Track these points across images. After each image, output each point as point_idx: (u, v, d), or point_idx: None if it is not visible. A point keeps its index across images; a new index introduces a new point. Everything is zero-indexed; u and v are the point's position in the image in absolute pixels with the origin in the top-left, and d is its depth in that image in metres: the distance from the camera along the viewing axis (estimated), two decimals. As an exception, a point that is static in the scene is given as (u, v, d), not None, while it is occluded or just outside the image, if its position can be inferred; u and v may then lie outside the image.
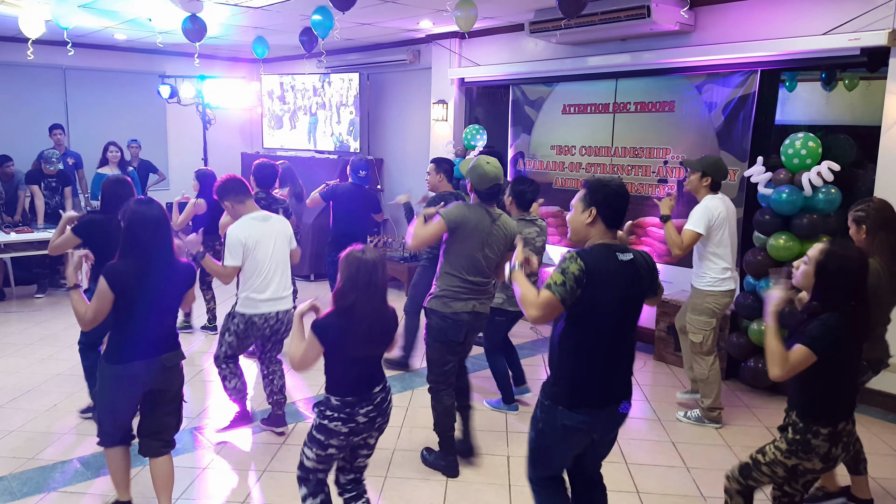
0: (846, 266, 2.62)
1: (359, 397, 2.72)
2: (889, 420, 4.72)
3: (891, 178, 4.68)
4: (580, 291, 2.47)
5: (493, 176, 3.60)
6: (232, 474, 3.85)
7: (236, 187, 4.13)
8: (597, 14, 5.58)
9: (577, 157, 6.74)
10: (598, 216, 2.57)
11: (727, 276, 4.45)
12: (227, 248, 3.97)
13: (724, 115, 5.57)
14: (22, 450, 4.04)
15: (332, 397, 2.73)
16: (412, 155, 8.80)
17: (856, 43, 4.63)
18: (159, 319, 3.05)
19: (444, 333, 3.68)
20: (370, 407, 2.74)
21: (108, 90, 9.78)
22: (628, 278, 2.57)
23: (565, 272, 2.47)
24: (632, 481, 3.82)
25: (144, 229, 2.96)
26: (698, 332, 4.50)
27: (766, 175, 4.81)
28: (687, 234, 4.38)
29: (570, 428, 2.61)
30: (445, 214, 3.58)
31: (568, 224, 2.69)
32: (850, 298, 2.61)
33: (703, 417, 4.58)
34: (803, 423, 2.69)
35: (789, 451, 2.71)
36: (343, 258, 2.69)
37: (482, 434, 4.36)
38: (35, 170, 7.76)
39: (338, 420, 2.70)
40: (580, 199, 2.62)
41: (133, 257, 2.95)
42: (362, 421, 2.73)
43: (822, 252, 2.66)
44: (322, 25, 5.67)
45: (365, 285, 2.64)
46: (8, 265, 7.53)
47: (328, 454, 2.77)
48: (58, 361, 5.55)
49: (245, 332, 4.09)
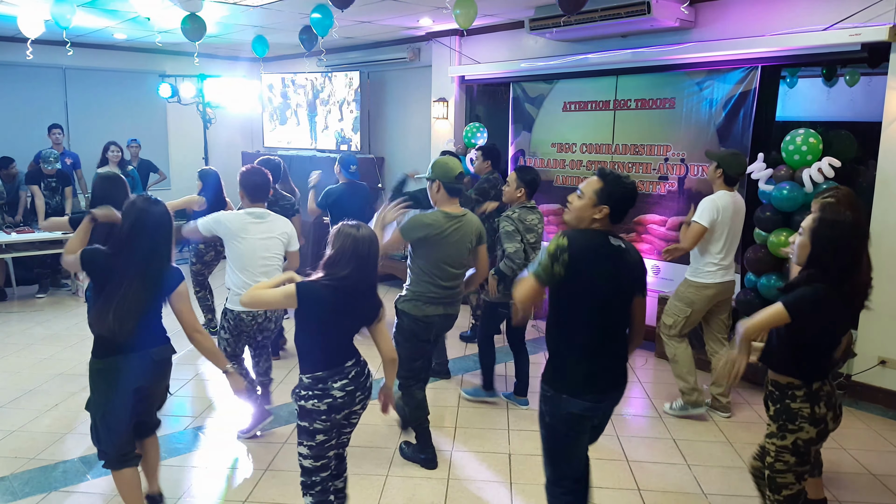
0: (838, 229, 2.59)
1: (330, 371, 2.71)
2: (889, 417, 4.71)
3: (891, 174, 4.67)
4: (560, 269, 2.48)
5: (457, 166, 3.78)
6: (232, 474, 3.86)
7: (255, 186, 4.13)
8: (597, 11, 5.57)
9: (577, 155, 6.73)
10: (606, 215, 2.59)
11: (714, 270, 4.46)
12: (208, 216, 4.07)
13: (724, 111, 5.56)
14: (23, 450, 4.04)
15: (303, 376, 2.74)
16: (413, 153, 8.79)
17: (856, 38, 4.61)
18: (140, 315, 2.90)
19: (414, 334, 3.80)
20: (345, 381, 2.73)
21: (108, 90, 9.78)
22: (615, 261, 2.57)
23: (544, 251, 2.51)
24: (633, 478, 3.81)
25: (141, 225, 2.89)
26: (671, 315, 4.61)
27: (767, 171, 4.80)
28: (693, 227, 4.41)
29: (576, 415, 2.63)
30: (403, 232, 3.69)
31: (571, 209, 2.66)
32: (843, 266, 2.57)
33: (686, 403, 4.60)
34: (779, 390, 2.70)
35: (779, 427, 2.71)
36: (335, 231, 2.70)
37: (483, 431, 4.36)
38: (35, 170, 7.76)
39: (313, 398, 2.69)
40: (595, 192, 2.60)
41: (117, 248, 2.89)
42: (339, 395, 2.71)
43: (815, 219, 2.65)
44: (321, 24, 5.66)
45: (358, 258, 2.65)
46: (9, 265, 7.54)
47: (318, 443, 2.75)
48: (59, 361, 5.55)
49: (236, 328, 4.07)
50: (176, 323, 3.06)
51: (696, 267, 4.54)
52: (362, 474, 3.77)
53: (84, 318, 4.31)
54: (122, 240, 2.90)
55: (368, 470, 3.82)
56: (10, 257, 7.28)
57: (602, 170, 2.67)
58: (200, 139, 9.26)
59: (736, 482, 3.74)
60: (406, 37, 8.25)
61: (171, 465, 3.87)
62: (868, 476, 3.88)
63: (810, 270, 2.63)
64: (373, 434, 4.26)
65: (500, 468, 3.91)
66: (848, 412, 4.67)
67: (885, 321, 4.67)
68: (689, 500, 3.62)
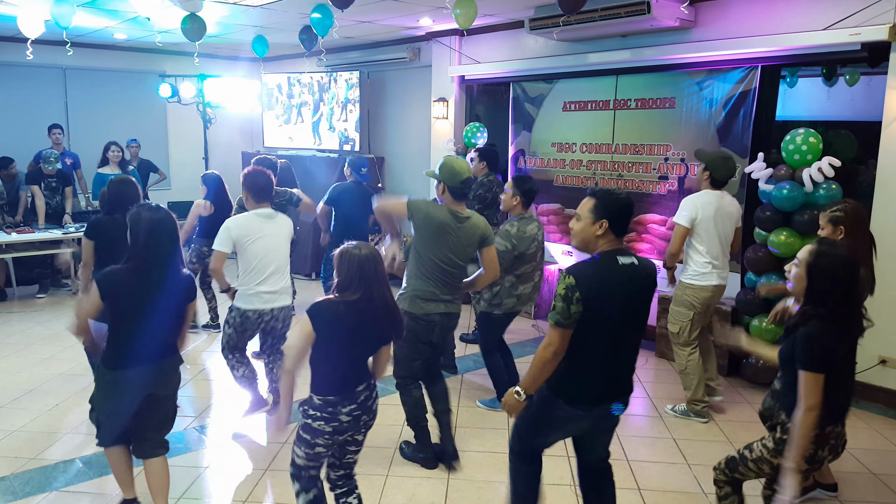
0: (836, 265, 2.59)
1: (341, 396, 2.72)
2: (890, 416, 4.71)
3: (891, 174, 4.67)
4: (577, 308, 2.49)
5: (464, 171, 3.72)
6: (233, 474, 3.86)
7: (260, 188, 4.14)
8: (597, 10, 5.57)
9: (577, 155, 6.73)
10: (608, 228, 2.59)
11: (708, 271, 4.45)
12: (218, 233, 4.03)
13: (724, 111, 5.56)
14: (24, 449, 4.05)
15: (314, 396, 2.74)
16: (413, 153, 8.79)
17: (856, 38, 4.62)
18: (157, 327, 3.00)
19: (414, 334, 3.74)
20: (353, 406, 2.74)
21: (108, 90, 9.78)
22: (628, 281, 2.57)
23: (557, 295, 2.52)
24: (633, 478, 3.82)
25: (154, 236, 2.94)
26: (675, 322, 4.58)
27: (767, 171, 4.80)
28: (675, 228, 4.46)
29: (564, 418, 2.70)
30: (411, 202, 3.67)
31: (574, 234, 2.68)
32: (841, 300, 2.56)
33: (689, 411, 4.60)
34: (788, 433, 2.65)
35: (776, 450, 2.70)
36: (338, 255, 2.70)
37: (482, 431, 4.36)
38: (35, 170, 7.77)
39: (321, 420, 2.71)
40: (590, 210, 2.60)
41: (136, 263, 2.94)
42: (346, 420, 2.73)
43: (812, 253, 2.63)
44: (321, 23, 5.66)
45: (367, 280, 2.66)
46: (9, 265, 7.54)
47: (316, 452, 2.79)
48: (59, 361, 5.56)
49: (241, 325, 4.14)
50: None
51: (690, 269, 4.52)
52: (362, 474, 3.75)
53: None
54: (139, 252, 2.94)
55: (368, 470, 3.82)
56: (11, 257, 7.29)
57: (591, 189, 2.69)
58: (200, 139, 9.26)
59: (736, 482, 3.74)
60: (406, 37, 8.25)
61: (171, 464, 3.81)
62: (868, 475, 3.89)
63: (806, 307, 2.62)
64: (373, 434, 4.24)
65: (500, 468, 3.90)
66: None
67: (885, 321, 4.67)
68: (690, 499, 3.62)
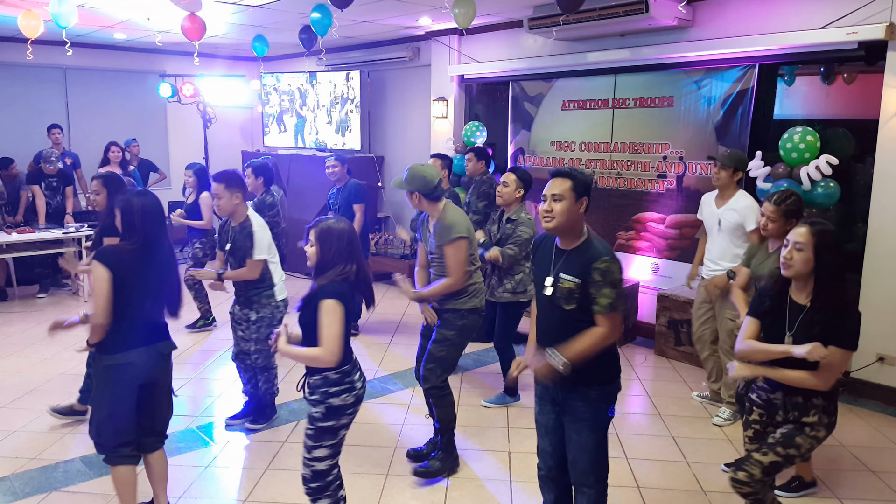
0: (836, 240, 2.69)
1: (351, 363, 2.78)
2: (889, 413, 4.72)
3: (889, 171, 4.67)
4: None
5: (435, 175, 3.70)
6: (233, 473, 3.87)
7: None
8: (595, 10, 5.58)
9: (576, 153, 6.74)
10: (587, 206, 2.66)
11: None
12: (257, 242, 4.06)
13: (722, 109, 5.57)
14: (24, 449, 4.06)
15: (328, 374, 2.70)
16: (412, 152, 8.78)
17: (853, 37, 4.63)
18: (156, 307, 3.11)
19: (471, 329, 3.77)
20: (359, 371, 2.82)
21: (108, 90, 9.79)
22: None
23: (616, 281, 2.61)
24: (632, 476, 3.83)
25: (147, 218, 3.03)
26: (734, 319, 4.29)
27: (765, 169, 4.81)
28: (751, 236, 4.24)
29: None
30: (467, 232, 3.64)
31: (557, 213, 2.58)
32: (843, 270, 2.70)
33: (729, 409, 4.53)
34: (832, 403, 2.78)
35: (828, 434, 2.80)
36: (322, 233, 2.71)
37: (482, 430, 4.37)
38: (36, 170, 7.78)
39: (343, 392, 2.71)
40: (571, 189, 2.59)
41: (133, 244, 3.00)
42: (359, 386, 2.78)
43: (814, 234, 2.67)
44: (321, 23, 5.67)
45: (355, 252, 2.74)
46: (10, 265, 7.55)
47: (340, 439, 2.79)
48: (60, 361, 5.57)
49: (282, 316, 4.26)
50: (174, 322, 3.09)
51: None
52: (362, 474, 3.78)
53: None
54: (136, 231, 3.02)
55: (368, 470, 3.83)
56: (11, 257, 7.30)
57: (557, 169, 2.66)
58: (200, 139, 9.28)
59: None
60: (406, 36, 8.26)
61: (171, 464, 3.83)
62: (867, 472, 3.90)
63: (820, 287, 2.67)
64: (373, 434, 4.28)
65: (500, 466, 3.93)
66: (846, 409, 4.69)
67: (883, 318, 4.68)
68: (689, 497, 3.63)
